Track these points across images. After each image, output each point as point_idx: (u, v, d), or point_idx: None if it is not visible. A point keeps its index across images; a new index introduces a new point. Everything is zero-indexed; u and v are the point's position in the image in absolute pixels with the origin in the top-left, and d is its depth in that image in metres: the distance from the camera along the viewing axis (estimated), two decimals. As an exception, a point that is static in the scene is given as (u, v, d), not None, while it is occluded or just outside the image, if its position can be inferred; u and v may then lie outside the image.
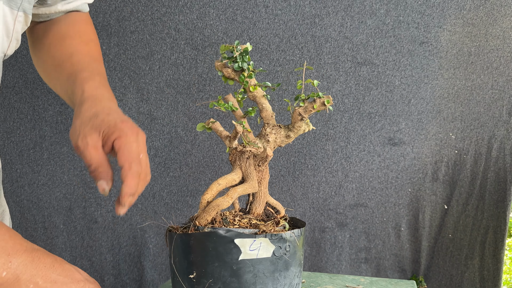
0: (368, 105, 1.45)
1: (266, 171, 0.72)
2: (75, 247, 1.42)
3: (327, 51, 1.39)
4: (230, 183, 0.71)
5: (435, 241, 1.60)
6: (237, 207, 0.75)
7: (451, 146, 1.51)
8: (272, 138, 0.72)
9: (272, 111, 0.74)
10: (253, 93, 0.72)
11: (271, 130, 0.73)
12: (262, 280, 0.61)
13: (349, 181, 1.51)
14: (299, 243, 0.64)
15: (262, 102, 0.73)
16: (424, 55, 1.42)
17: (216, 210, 0.67)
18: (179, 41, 1.35)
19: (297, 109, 0.70)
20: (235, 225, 0.67)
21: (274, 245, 0.61)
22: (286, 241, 0.62)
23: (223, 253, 0.62)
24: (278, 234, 0.63)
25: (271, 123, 0.73)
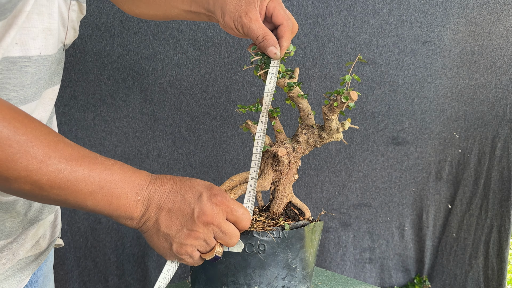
0: (371, 104, 1.45)
1: (288, 172, 0.72)
2: (79, 248, 1.42)
3: (330, 51, 1.39)
4: (243, 180, 0.73)
5: (439, 240, 1.60)
6: (260, 204, 0.77)
7: (455, 145, 1.51)
8: (302, 138, 0.72)
9: (309, 111, 0.73)
10: (290, 93, 0.72)
11: (302, 131, 0.73)
12: (233, 273, 0.64)
13: (352, 180, 1.51)
14: (282, 246, 0.64)
15: (299, 102, 0.72)
16: (427, 54, 1.43)
17: None
18: (182, 42, 1.35)
19: (323, 108, 0.69)
20: None
21: (245, 242, 0.64)
22: (258, 240, 0.63)
23: None
24: (249, 232, 0.64)
25: (305, 123, 0.73)
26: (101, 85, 1.35)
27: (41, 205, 0.74)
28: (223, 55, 1.36)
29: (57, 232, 0.84)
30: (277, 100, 1.38)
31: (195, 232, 0.59)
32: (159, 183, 0.60)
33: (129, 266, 1.44)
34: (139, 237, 1.44)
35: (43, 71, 0.63)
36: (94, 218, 1.41)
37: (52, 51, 0.64)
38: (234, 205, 0.60)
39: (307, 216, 0.72)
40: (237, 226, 0.60)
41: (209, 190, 0.60)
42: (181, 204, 0.60)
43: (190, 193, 0.60)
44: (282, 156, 0.70)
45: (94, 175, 0.55)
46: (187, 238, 0.60)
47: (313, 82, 1.41)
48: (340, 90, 0.66)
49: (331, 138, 0.71)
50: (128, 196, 0.57)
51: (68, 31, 0.67)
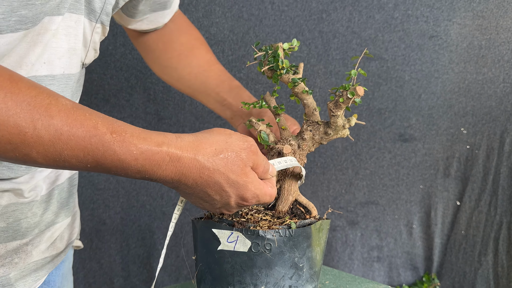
0: (377, 101, 1.43)
1: (294, 170, 0.71)
2: (84, 250, 1.42)
3: (335, 47, 1.38)
4: None
5: (447, 238, 1.59)
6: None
7: (463, 141, 1.49)
8: (308, 135, 0.70)
9: (315, 107, 0.71)
10: (294, 89, 0.70)
11: (307, 127, 0.71)
12: (239, 273, 0.63)
13: (359, 178, 1.49)
14: (288, 245, 0.62)
15: (303, 98, 0.70)
16: (434, 49, 1.41)
17: None
18: None
19: (328, 104, 0.67)
20: (244, 218, 0.67)
21: (251, 241, 0.62)
22: (265, 239, 0.62)
23: (208, 241, 0.65)
24: (255, 231, 0.62)
25: (311, 119, 0.71)
26: (104, 85, 1.35)
27: (57, 208, 0.74)
28: (227, 53, 1.35)
29: (75, 234, 0.84)
30: (282, 96, 1.37)
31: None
32: (178, 176, 0.56)
33: (135, 267, 1.44)
34: (144, 238, 1.43)
35: (66, 89, 0.64)
36: (98, 219, 1.40)
37: (75, 70, 0.65)
38: (264, 198, 0.61)
39: (314, 214, 0.71)
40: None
41: (239, 198, 0.59)
42: (199, 199, 0.60)
43: (215, 195, 0.59)
44: (287, 154, 0.68)
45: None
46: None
47: (318, 79, 1.40)
48: (346, 85, 0.64)
49: (337, 134, 0.70)
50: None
51: (89, 51, 0.68)
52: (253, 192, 0.59)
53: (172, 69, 0.88)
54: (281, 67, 0.67)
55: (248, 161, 0.59)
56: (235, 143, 0.58)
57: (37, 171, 0.68)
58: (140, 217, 1.42)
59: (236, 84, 0.87)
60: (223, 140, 0.58)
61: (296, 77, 0.69)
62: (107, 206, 1.41)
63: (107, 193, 1.41)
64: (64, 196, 0.77)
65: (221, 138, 0.58)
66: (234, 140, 0.59)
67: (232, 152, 0.57)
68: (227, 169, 0.57)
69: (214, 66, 0.89)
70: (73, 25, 0.62)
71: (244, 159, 0.58)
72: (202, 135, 0.59)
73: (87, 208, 1.41)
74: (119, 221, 1.42)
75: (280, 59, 0.68)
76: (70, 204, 0.80)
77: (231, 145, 0.58)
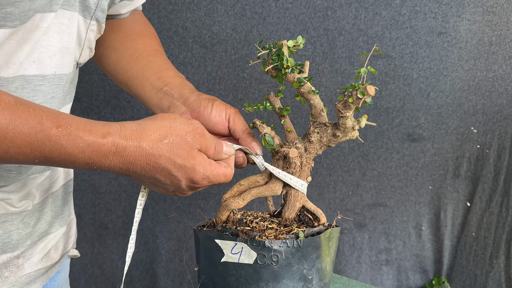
0: (385, 99, 1.41)
1: (301, 174, 0.67)
2: (85, 255, 1.40)
3: (341, 45, 1.35)
4: (253, 184, 0.69)
5: (458, 240, 1.58)
6: (271, 209, 0.72)
7: (473, 141, 1.47)
8: (315, 137, 0.67)
9: (322, 108, 0.67)
10: (300, 89, 0.67)
11: (314, 129, 0.67)
12: (244, 286, 0.60)
13: (367, 179, 1.47)
14: (296, 256, 0.59)
15: (310, 98, 0.67)
16: (443, 46, 1.39)
17: (226, 210, 0.67)
18: (187, 39, 1.32)
19: (336, 104, 0.64)
20: (248, 226, 0.63)
21: (257, 253, 0.59)
22: (271, 250, 0.58)
23: (210, 252, 0.63)
24: (261, 242, 0.59)
25: (318, 121, 0.68)
26: (105, 86, 1.33)
27: (51, 218, 0.71)
28: (230, 52, 1.33)
29: (71, 243, 0.81)
30: (287, 97, 1.34)
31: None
32: (125, 165, 0.57)
33: (137, 272, 1.42)
34: (146, 243, 1.41)
35: (57, 90, 0.62)
36: (100, 224, 1.39)
37: (68, 70, 0.63)
38: (218, 179, 0.61)
39: (322, 221, 0.67)
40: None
41: (190, 181, 0.59)
42: (151, 184, 0.61)
43: (165, 179, 0.59)
44: (294, 158, 0.65)
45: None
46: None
47: (324, 78, 1.37)
48: (355, 84, 0.60)
49: (346, 136, 0.66)
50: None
51: (84, 50, 0.66)
52: (203, 173, 0.60)
53: (113, 50, 0.80)
54: (286, 66, 0.64)
55: (194, 144, 0.59)
56: (180, 127, 0.59)
57: (29, 178, 0.65)
58: (143, 221, 1.40)
59: (181, 75, 0.80)
60: (167, 125, 0.58)
61: (302, 76, 0.66)
62: (109, 210, 1.39)
63: (109, 196, 1.39)
64: (59, 205, 0.74)
65: (165, 123, 0.59)
66: (179, 125, 0.59)
67: (177, 136, 0.58)
68: (172, 153, 0.57)
69: (161, 56, 0.82)
70: (67, 23, 0.60)
71: (190, 142, 0.59)
72: (146, 122, 0.59)
73: (88, 212, 1.39)
74: (121, 225, 1.40)
75: (285, 58, 0.65)
76: (65, 213, 0.76)
77: (176, 129, 0.58)
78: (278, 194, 0.67)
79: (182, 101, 0.73)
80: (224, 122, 0.70)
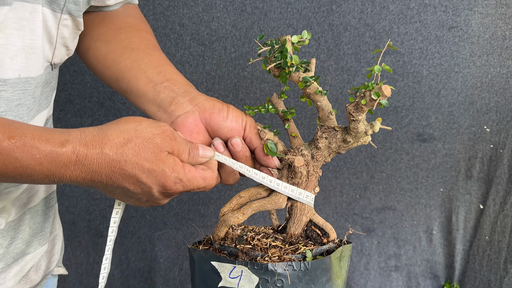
0: (393, 98, 1.38)
1: (307, 185, 0.61)
2: (81, 264, 1.36)
3: (347, 41, 1.32)
4: (254, 196, 0.62)
5: (470, 244, 1.55)
6: (275, 224, 0.66)
7: (486, 140, 1.45)
8: (323, 143, 0.61)
9: (330, 110, 0.61)
10: (305, 90, 0.60)
11: (322, 134, 0.61)
12: None
13: (375, 182, 1.45)
14: (304, 280, 0.52)
15: (317, 100, 0.61)
16: (454, 41, 1.36)
17: (225, 226, 0.60)
18: (184, 37, 1.28)
19: (347, 106, 0.57)
20: (249, 244, 0.57)
21: (258, 277, 0.53)
22: (275, 274, 0.52)
23: (206, 275, 0.57)
24: (263, 264, 0.52)
25: (326, 125, 0.61)
26: (99, 87, 1.30)
27: (29, 236, 0.64)
28: (229, 50, 1.29)
29: (55, 261, 0.75)
30: (291, 98, 1.30)
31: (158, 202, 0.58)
32: (89, 175, 0.52)
33: (135, 282, 1.38)
34: (144, 251, 1.38)
35: (24, 96, 0.56)
36: (95, 232, 1.36)
37: (37, 72, 0.56)
38: (194, 183, 0.56)
39: (332, 237, 0.60)
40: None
41: (161, 187, 0.54)
42: (122, 195, 0.56)
43: (135, 188, 0.54)
44: (300, 167, 0.58)
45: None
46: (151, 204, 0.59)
47: (329, 76, 1.33)
48: (368, 84, 0.54)
49: (358, 142, 0.60)
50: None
51: (57, 49, 0.60)
52: (175, 177, 0.55)
53: (103, 42, 0.72)
54: (290, 64, 0.57)
55: (164, 147, 0.54)
56: (147, 129, 0.54)
57: (3, 193, 0.58)
58: (140, 228, 1.37)
59: (182, 75, 0.73)
60: (132, 128, 0.54)
61: (308, 75, 0.59)
62: (104, 217, 1.36)
63: (104, 203, 1.36)
64: (38, 221, 0.67)
65: (130, 126, 0.54)
66: (145, 127, 0.54)
67: (143, 139, 0.53)
68: (139, 157, 0.52)
69: (161, 53, 0.75)
70: (28, 17, 0.53)
71: (158, 145, 0.54)
72: (109, 126, 0.54)
73: (83, 219, 1.36)
74: (118, 232, 1.33)
75: (289, 55, 0.59)
76: (46, 229, 0.70)
77: (142, 132, 0.54)
78: (283, 208, 0.61)
79: (188, 98, 0.66)
80: (240, 130, 0.64)
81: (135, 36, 0.73)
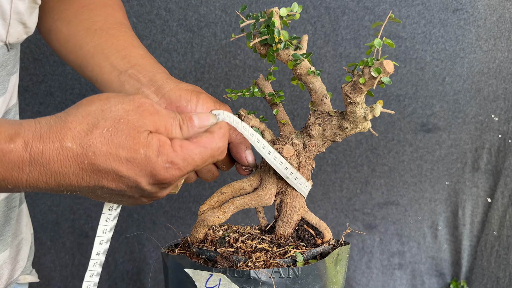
0: (395, 86, 1.35)
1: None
2: (65, 266, 1.32)
3: (345, 25, 1.29)
4: (237, 192, 0.55)
5: (477, 239, 1.54)
6: (262, 222, 0.59)
7: (494, 130, 1.43)
8: (316, 131, 0.53)
9: (324, 93, 0.54)
10: (296, 70, 0.53)
11: (315, 120, 0.54)
12: None
13: (376, 176, 1.43)
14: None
15: (309, 81, 0.54)
16: (459, 25, 1.33)
17: (203, 227, 0.54)
18: (171, 23, 1.25)
19: (343, 87, 0.50)
20: (232, 247, 0.49)
21: (239, 286, 0.46)
22: (259, 283, 0.45)
23: (180, 284, 0.50)
24: (244, 272, 0.45)
25: (320, 109, 0.54)
26: (80, 78, 1.26)
27: None
28: (219, 36, 1.26)
29: (20, 268, 0.67)
30: (280, 79, 1.26)
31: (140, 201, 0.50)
32: (51, 178, 0.43)
33: (123, 284, 1.35)
34: (132, 252, 1.36)
35: None
36: (80, 232, 1.34)
37: None
38: (195, 160, 0.46)
39: (327, 238, 0.53)
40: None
41: (150, 177, 0.44)
42: (107, 195, 0.47)
43: (118, 184, 0.44)
44: (289, 158, 0.51)
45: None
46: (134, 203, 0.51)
47: (326, 63, 1.30)
48: (367, 60, 0.46)
49: (356, 128, 0.52)
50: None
51: (11, 26, 0.52)
52: (163, 162, 0.44)
53: (64, 23, 0.66)
54: (278, 39, 0.50)
55: (142, 125, 0.44)
56: (116, 107, 0.44)
57: None
58: (128, 228, 1.33)
59: (152, 57, 0.68)
60: (97, 109, 0.44)
61: (299, 52, 0.51)
62: (89, 216, 1.32)
63: (89, 201, 1.32)
64: None
65: (94, 107, 0.44)
66: (114, 104, 0.44)
67: (113, 120, 0.43)
68: (111, 146, 0.42)
69: (127, 30, 0.68)
70: None
71: (134, 124, 0.43)
72: (68, 111, 0.45)
73: (67, 219, 1.33)
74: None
75: (276, 29, 0.52)
76: (7, 233, 0.63)
77: (110, 111, 0.43)
78: (270, 204, 0.54)
79: (154, 89, 0.59)
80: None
81: (98, 14, 0.66)
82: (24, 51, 1.20)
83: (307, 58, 0.54)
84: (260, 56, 0.55)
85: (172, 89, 0.58)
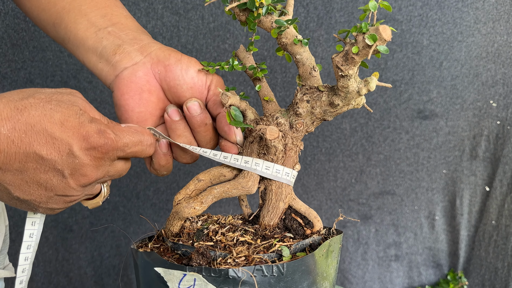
0: (391, 71, 1.33)
1: (285, 162, 0.48)
2: (49, 261, 1.29)
3: (339, 7, 1.26)
4: (216, 179, 0.50)
5: (475, 229, 1.55)
6: (246, 212, 0.54)
7: (492, 116, 1.42)
8: (304, 108, 0.48)
9: (313, 65, 0.49)
10: (281, 39, 0.48)
11: (302, 96, 0.49)
12: None
13: (372, 165, 1.42)
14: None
15: (295, 52, 0.48)
16: (457, 7, 1.32)
17: (178, 219, 0.49)
18: (156, 5, 1.21)
19: (334, 57, 0.45)
20: (211, 240, 0.45)
21: (217, 287, 0.42)
22: (239, 283, 0.40)
23: (151, 284, 0.46)
24: (222, 270, 0.41)
25: (308, 84, 0.49)
26: (61, 65, 1.22)
27: None
28: (207, 20, 1.22)
29: None
30: (264, 51, 1.24)
31: (70, 197, 0.47)
32: None
33: (110, 280, 1.32)
34: (119, 246, 1.33)
35: None
36: (64, 226, 1.31)
37: None
38: (125, 138, 0.47)
39: (317, 228, 0.48)
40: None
41: (83, 140, 0.44)
42: (36, 172, 0.44)
43: (49, 150, 0.43)
44: (273, 140, 0.45)
45: None
46: (58, 203, 0.47)
47: (320, 47, 1.27)
48: (361, 25, 0.41)
49: (349, 105, 0.47)
50: None
51: None
52: (97, 128, 0.46)
53: None
54: (259, 3, 0.44)
55: (75, 102, 0.46)
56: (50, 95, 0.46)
57: None
58: (113, 221, 1.30)
59: (136, 21, 0.64)
60: (32, 89, 0.46)
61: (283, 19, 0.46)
62: (73, 209, 1.28)
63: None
64: None
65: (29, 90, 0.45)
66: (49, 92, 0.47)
67: (48, 93, 0.45)
68: (46, 110, 0.44)
69: None
70: None
71: (69, 100, 0.46)
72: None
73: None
74: (88, 226, 1.30)
75: None
76: None
77: (45, 90, 0.46)
78: (253, 193, 0.48)
79: (138, 47, 0.55)
80: (203, 90, 0.53)
81: None
82: (1, 36, 1.15)
83: (293, 24, 0.48)
84: (240, 24, 0.50)
85: (160, 48, 0.55)
